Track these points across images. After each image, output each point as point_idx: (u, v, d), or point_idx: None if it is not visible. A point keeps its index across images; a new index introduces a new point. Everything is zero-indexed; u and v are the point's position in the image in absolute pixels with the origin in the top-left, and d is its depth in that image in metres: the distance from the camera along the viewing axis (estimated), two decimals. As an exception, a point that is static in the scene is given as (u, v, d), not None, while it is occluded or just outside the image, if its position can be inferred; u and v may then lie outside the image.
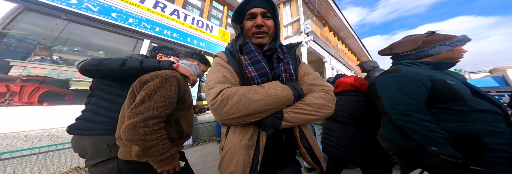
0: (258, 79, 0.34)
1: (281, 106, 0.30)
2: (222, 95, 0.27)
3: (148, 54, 0.69)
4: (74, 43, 1.75)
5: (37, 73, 1.31)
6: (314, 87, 0.36)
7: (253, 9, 0.34)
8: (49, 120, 1.23)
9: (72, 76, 1.51)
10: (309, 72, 0.40)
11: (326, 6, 4.18)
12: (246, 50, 0.36)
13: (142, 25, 1.93)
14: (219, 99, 0.27)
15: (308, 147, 0.35)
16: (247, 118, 0.28)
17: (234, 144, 0.31)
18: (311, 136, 0.37)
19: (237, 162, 0.30)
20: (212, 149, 1.70)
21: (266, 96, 0.28)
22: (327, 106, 0.32)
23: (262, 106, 0.27)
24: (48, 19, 1.42)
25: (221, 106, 0.27)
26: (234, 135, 0.32)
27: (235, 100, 0.27)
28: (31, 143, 1.10)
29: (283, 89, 0.30)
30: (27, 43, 1.32)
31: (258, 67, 0.34)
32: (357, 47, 7.29)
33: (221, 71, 0.33)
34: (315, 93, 0.34)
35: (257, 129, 0.31)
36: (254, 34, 0.36)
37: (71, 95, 1.54)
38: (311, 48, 3.37)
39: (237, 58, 0.37)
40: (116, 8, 1.77)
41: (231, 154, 0.31)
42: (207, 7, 3.12)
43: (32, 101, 1.23)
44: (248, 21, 0.36)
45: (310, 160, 0.35)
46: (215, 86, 0.29)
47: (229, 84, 0.31)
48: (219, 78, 0.31)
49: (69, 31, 1.58)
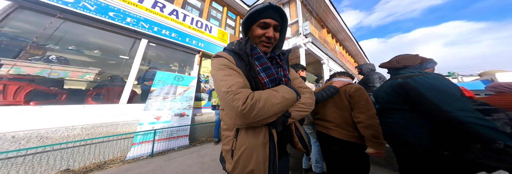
0: (269, 84, 0.38)
1: (290, 106, 0.36)
2: (251, 100, 0.30)
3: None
4: (69, 41, 1.72)
5: (28, 71, 1.27)
6: (302, 89, 0.45)
7: (268, 19, 0.37)
8: (39, 120, 1.19)
9: (65, 75, 1.47)
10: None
11: (324, 8, 4.26)
12: (256, 55, 0.39)
13: (140, 25, 1.92)
14: (249, 104, 0.29)
15: (300, 136, 0.42)
16: (269, 119, 0.32)
17: (251, 143, 0.33)
18: (300, 127, 0.45)
19: (257, 160, 0.32)
20: (209, 150, 1.67)
21: (283, 99, 0.33)
22: (313, 104, 0.42)
23: (281, 108, 0.33)
24: (42, 17, 1.39)
25: (251, 110, 0.29)
26: (248, 135, 0.34)
27: (262, 104, 0.30)
28: (18, 144, 1.05)
29: (291, 92, 0.36)
30: (20, 41, 1.29)
31: (269, 73, 0.38)
32: (354, 50, 7.43)
33: (238, 76, 0.34)
34: (305, 94, 0.42)
35: (268, 127, 0.34)
36: (262, 42, 0.40)
37: (64, 94, 1.50)
38: (309, 50, 3.41)
39: (246, 61, 0.38)
40: (113, 8, 1.75)
41: (249, 153, 0.33)
42: (207, 7, 3.14)
43: (17, 101, 1.19)
44: (259, 28, 0.39)
45: (300, 146, 0.42)
46: (241, 91, 0.30)
47: (249, 89, 0.34)
48: (240, 83, 0.32)
49: (64, 29, 1.55)
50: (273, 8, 0.37)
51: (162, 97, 1.84)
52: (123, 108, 1.65)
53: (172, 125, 1.79)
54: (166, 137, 1.70)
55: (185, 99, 2.02)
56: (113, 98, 1.71)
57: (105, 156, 1.38)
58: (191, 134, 1.97)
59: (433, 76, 0.52)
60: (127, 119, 1.62)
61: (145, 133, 1.57)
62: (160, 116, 1.75)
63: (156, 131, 1.61)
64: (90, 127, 1.36)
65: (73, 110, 1.35)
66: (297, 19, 3.53)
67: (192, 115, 2.05)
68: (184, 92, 2.05)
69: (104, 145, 1.39)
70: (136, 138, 1.52)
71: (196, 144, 1.90)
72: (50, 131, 1.18)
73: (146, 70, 2.18)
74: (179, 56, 2.66)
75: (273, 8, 0.37)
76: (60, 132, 1.22)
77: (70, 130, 1.26)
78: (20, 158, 1.03)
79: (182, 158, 1.45)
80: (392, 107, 0.61)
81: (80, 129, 1.30)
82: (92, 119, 1.43)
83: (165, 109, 1.81)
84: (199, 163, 1.34)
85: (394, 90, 0.60)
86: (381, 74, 1.47)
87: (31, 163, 1.06)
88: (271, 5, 0.37)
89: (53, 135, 1.19)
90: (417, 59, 0.64)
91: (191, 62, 2.62)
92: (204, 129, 2.18)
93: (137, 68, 1.84)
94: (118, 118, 1.58)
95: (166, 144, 1.67)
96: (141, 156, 1.48)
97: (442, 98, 0.46)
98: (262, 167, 0.32)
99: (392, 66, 0.69)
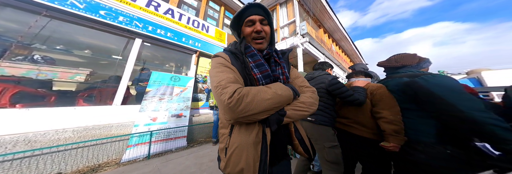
0: (262, 80, 0.37)
1: (284, 104, 0.34)
2: (237, 94, 0.29)
3: (317, 67, 0.99)
4: (57, 41, 1.64)
5: (12, 72, 1.20)
6: (304, 89, 0.42)
7: (252, 16, 0.39)
8: (26, 123, 1.13)
9: (53, 76, 1.41)
10: (298, 76, 0.46)
11: (321, 8, 4.31)
12: (249, 53, 0.40)
13: (133, 24, 1.86)
14: (236, 98, 0.29)
15: (300, 138, 0.40)
16: (259, 115, 0.31)
17: (242, 142, 0.33)
18: (301, 129, 0.42)
19: (247, 158, 0.31)
20: (207, 151, 1.66)
21: (275, 95, 0.32)
22: (315, 103, 0.38)
23: (271, 104, 0.31)
24: (27, 15, 1.32)
25: (237, 105, 0.29)
26: (240, 133, 0.34)
27: (250, 99, 0.29)
28: (4, 148, 1.00)
29: (286, 89, 0.35)
30: (3, 40, 1.22)
31: (262, 69, 0.38)
32: (350, 49, 7.59)
33: (230, 72, 0.35)
34: (305, 93, 0.40)
35: (261, 126, 0.34)
36: (253, 40, 0.40)
37: (53, 96, 1.44)
38: (306, 50, 3.45)
39: (241, 60, 0.39)
40: (105, 6, 1.69)
41: (240, 152, 0.32)
42: (203, 7, 3.09)
43: (2, 103, 1.13)
44: (247, 27, 0.40)
45: (301, 150, 0.40)
46: (229, 85, 0.31)
47: (239, 84, 0.33)
48: (231, 78, 0.33)
49: (51, 28, 1.48)
50: (253, 6, 0.39)
51: (158, 98, 1.80)
52: (117, 110, 1.60)
53: (169, 126, 1.76)
54: (163, 138, 1.68)
55: (182, 100, 1.99)
56: (106, 99, 1.66)
57: (99, 159, 1.34)
58: (189, 135, 1.94)
59: (441, 75, 0.51)
60: (121, 121, 1.58)
61: (141, 135, 1.54)
62: (156, 117, 1.72)
63: (152, 132, 1.58)
64: (82, 129, 1.32)
65: (63, 112, 1.30)
66: (294, 19, 3.55)
67: (189, 116, 2.02)
68: (181, 92, 2.02)
69: (98, 148, 1.35)
70: (132, 140, 1.49)
71: (194, 145, 1.88)
72: (38, 134, 1.13)
73: (140, 71, 2.13)
74: (175, 56, 2.61)
75: (253, 6, 0.39)
76: (50, 135, 1.17)
77: (61, 133, 1.21)
78: (7, 162, 0.98)
79: (180, 159, 1.43)
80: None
81: (71, 132, 1.26)
82: (84, 121, 1.38)
83: (162, 110, 1.78)
84: (198, 164, 1.33)
85: (400, 89, 0.59)
86: (374, 73, 1.51)
87: (20, 168, 1.01)
88: (250, 5, 0.39)
89: (42, 139, 1.14)
90: (415, 58, 0.64)
91: (187, 62, 2.58)
92: (202, 129, 2.17)
93: (131, 69, 1.79)
94: (111, 120, 1.53)
95: (163, 145, 1.64)
96: (137, 158, 1.45)
97: (455, 98, 0.44)
98: (252, 166, 0.31)
99: (390, 65, 0.68)
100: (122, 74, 1.74)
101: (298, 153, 0.41)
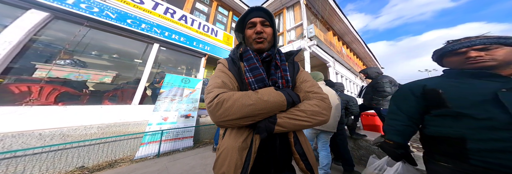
0: (255, 84, 0.36)
1: (273, 111, 0.31)
2: (217, 99, 0.30)
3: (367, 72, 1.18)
4: (93, 47, 1.89)
5: (57, 75, 1.42)
6: (310, 95, 0.37)
7: (253, 18, 0.40)
8: (63, 119, 1.30)
9: (87, 78, 1.62)
10: (307, 80, 0.41)
11: (330, 11, 4.21)
12: (246, 57, 0.40)
13: (153, 30, 2.06)
14: (215, 103, 0.29)
15: (302, 153, 0.35)
16: (240, 121, 0.29)
17: (229, 145, 0.32)
18: (306, 142, 0.37)
19: (229, 163, 0.30)
20: (212, 152, 1.68)
21: (258, 101, 0.30)
22: (322, 113, 0.33)
23: (254, 110, 0.29)
24: (72, 26, 1.56)
25: (216, 109, 0.29)
26: (230, 137, 0.34)
27: (229, 104, 0.29)
28: (43, 141, 1.16)
29: (276, 95, 0.32)
30: (53, 47, 1.45)
31: (256, 73, 0.37)
32: (363, 52, 7.15)
33: (221, 77, 0.36)
34: (311, 100, 0.35)
35: (252, 132, 0.32)
36: (254, 40, 0.40)
37: (85, 96, 1.64)
38: (314, 53, 3.36)
39: (238, 65, 0.40)
40: (131, 15, 1.92)
41: (225, 155, 0.32)
42: (213, 12, 3.28)
43: (49, 101, 1.32)
44: (249, 29, 0.41)
45: (303, 166, 0.35)
46: (213, 90, 0.32)
47: (226, 89, 0.34)
48: (217, 84, 0.34)
49: (89, 36, 1.72)
50: (255, 9, 0.40)
51: (170, 98, 1.91)
52: (135, 109, 1.74)
53: (178, 126, 1.84)
54: (172, 137, 1.75)
55: (190, 101, 2.08)
56: (127, 99, 1.83)
57: (116, 155, 1.45)
58: (195, 135, 2.00)
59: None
60: (137, 119, 1.71)
61: (153, 133, 1.63)
62: (168, 117, 1.82)
63: (163, 131, 1.66)
64: (105, 126, 1.45)
65: (92, 110, 1.46)
66: (301, 22, 3.53)
67: (196, 117, 2.10)
68: (190, 94, 2.12)
69: (116, 144, 1.47)
70: (145, 138, 1.59)
71: (200, 145, 1.92)
72: (71, 129, 1.28)
73: (156, 73, 2.31)
74: (186, 59, 2.77)
75: (255, 9, 0.40)
76: (79, 131, 1.32)
77: (88, 129, 1.36)
78: (44, 154, 1.13)
79: (186, 159, 1.48)
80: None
81: (96, 128, 1.40)
82: (107, 119, 1.53)
83: (172, 110, 1.88)
84: (202, 165, 1.35)
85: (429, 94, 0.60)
86: (391, 78, 1.37)
87: (53, 160, 1.15)
88: (252, 8, 0.41)
89: (73, 133, 1.29)
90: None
91: (197, 65, 2.72)
92: (208, 130, 2.21)
93: (149, 71, 1.96)
94: (129, 118, 1.67)
95: (171, 144, 1.72)
96: (148, 155, 1.53)
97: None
98: (233, 172, 0.29)
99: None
100: (141, 76, 1.91)
101: (300, 169, 0.35)
